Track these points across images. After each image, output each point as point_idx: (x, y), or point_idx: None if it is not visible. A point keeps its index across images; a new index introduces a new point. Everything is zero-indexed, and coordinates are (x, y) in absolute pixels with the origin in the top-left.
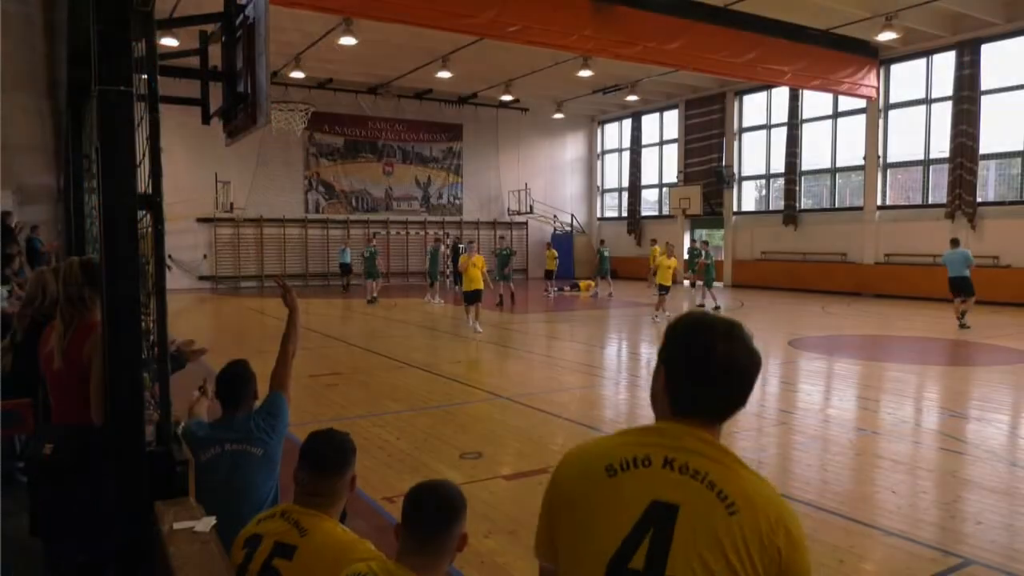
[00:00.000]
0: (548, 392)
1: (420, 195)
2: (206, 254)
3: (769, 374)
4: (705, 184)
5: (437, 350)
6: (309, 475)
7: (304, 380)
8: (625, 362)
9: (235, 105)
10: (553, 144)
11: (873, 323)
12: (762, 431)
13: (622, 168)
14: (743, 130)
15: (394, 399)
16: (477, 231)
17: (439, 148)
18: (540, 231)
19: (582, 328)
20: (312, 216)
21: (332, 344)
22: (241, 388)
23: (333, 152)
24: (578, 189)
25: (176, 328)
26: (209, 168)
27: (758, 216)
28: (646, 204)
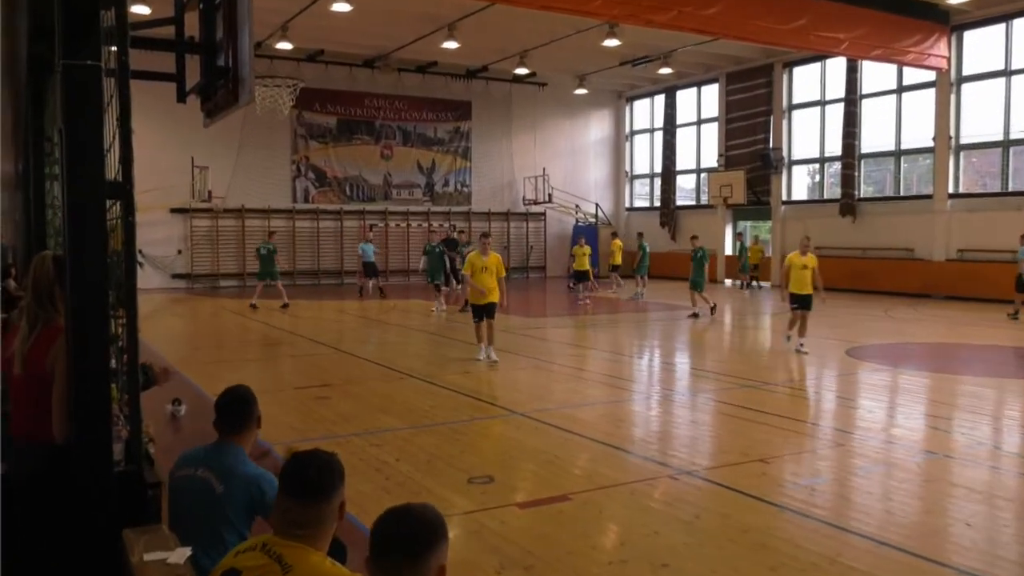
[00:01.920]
0: (569, 407)
1: (423, 182)
2: (181, 249)
3: (824, 388)
4: (749, 169)
5: (442, 359)
6: (292, 502)
7: (289, 392)
8: (658, 373)
9: (214, 81)
10: (575, 124)
11: (944, 329)
12: (816, 453)
13: (654, 151)
14: (793, 107)
15: (392, 414)
16: (488, 223)
17: (445, 128)
18: (560, 223)
19: (608, 334)
20: (301, 206)
21: (321, 351)
22: (239, 415)
23: (324, 133)
24: (603, 175)
25: (147, 333)
26: (185, 152)
27: (810, 206)
28: (681, 192)
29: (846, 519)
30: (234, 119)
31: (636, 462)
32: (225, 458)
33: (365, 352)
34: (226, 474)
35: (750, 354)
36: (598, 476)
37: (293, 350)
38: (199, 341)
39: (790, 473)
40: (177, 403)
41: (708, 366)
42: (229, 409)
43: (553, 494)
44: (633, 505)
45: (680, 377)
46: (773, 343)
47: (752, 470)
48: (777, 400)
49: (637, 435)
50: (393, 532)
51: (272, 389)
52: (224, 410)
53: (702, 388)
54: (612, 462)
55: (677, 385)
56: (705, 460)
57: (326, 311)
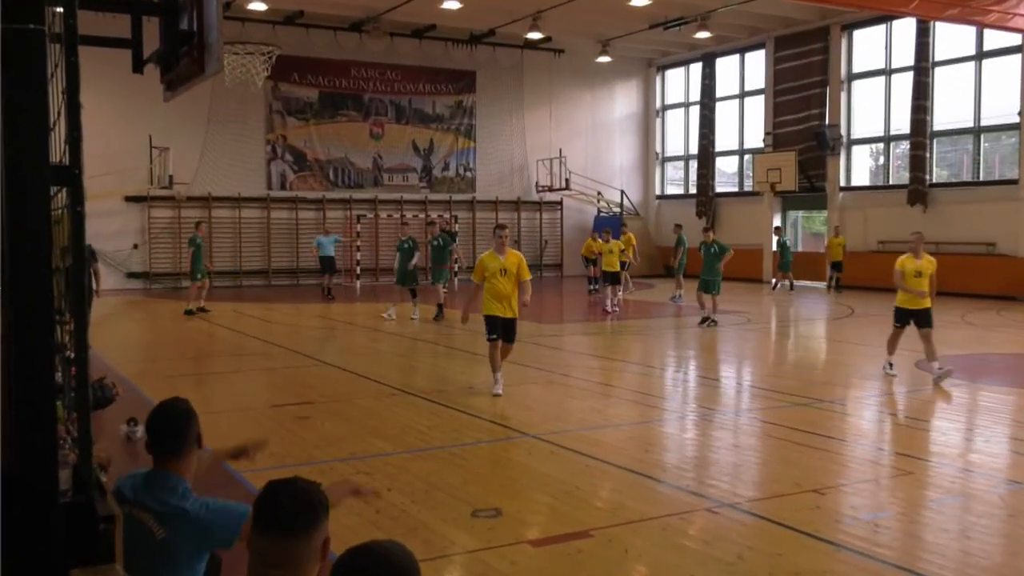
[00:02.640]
0: (590, 429)
1: (419, 165)
2: (137, 244)
3: (889, 407)
4: (801, 150)
5: (442, 372)
6: (267, 540)
7: (264, 411)
8: (693, 389)
9: (177, 47)
10: (596, 97)
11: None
12: (880, 483)
13: (689, 129)
14: (853, 77)
15: (385, 437)
16: (495, 213)
17: (445, 103)
18: (579, 213)
19: (635, 343)
20: (277, 193)
21: (303, 363)
22: (173, 435)
23: (304, 109)
24: (630, 157)
25: (98, 342)
26: (141, 131)
27: (873, 193)
28: (721, 177)
29: (915, 560)
30: (199, 92)
31: (668, 493)
32: (164, 497)
33: (352, 364)
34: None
35: (802, 367)
36: (624, 509)
37: (268, 361)
38: (158, 351)
39: (849, 506)
40: (133, 423)
41: (753, 381)
42: (161, 428)
43: (571, 530)
44: (665, 543)
45: (720, 394)
46: (828, 354)
47: (805, 502)
48: (834, 421)
49: (670, 461)
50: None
51: (244, 407)
52: (155, 430)
53: (746, 406)
54: (640, 493)
55: (717, 403)
56: (749, 491)
57: (306, 316)
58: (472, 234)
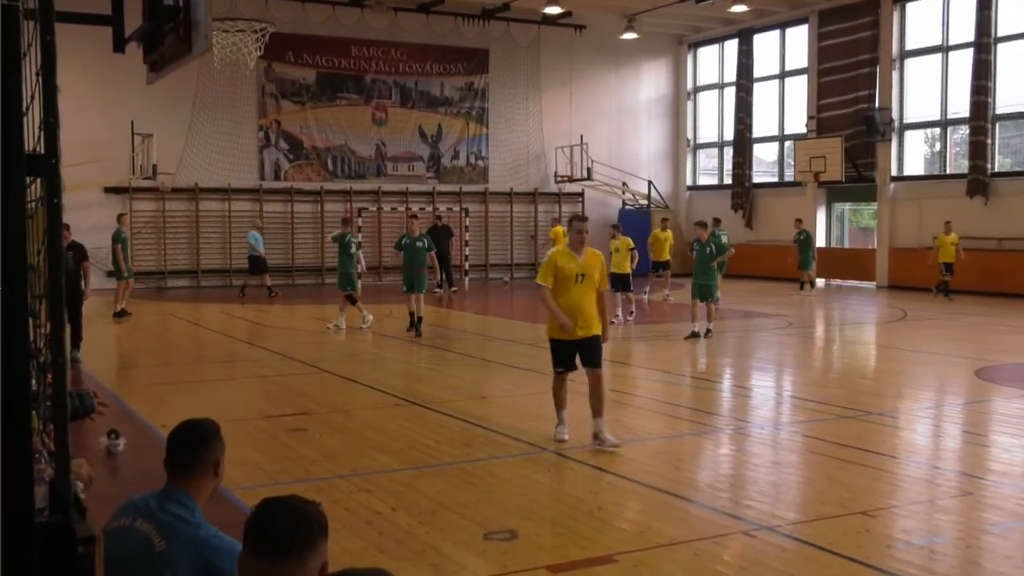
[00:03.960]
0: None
1: (427, 153)
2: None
3: (947, 420)
4: (849, 136)
5: (452, 380)
6: (260, 563)
7: (256, 423)
8: (727, 400)
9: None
10: (622, 78)
11: None
12: (936, 505)
13: (724, 113)
14: (906, 54)
15: (388, 451)
16: (509, 206)
17: (454, 85)
18: (602, 206)
19: (664, 349)
20: (270, 184)
21: (298, 370)
22: (194, 455)
23: (300, 91)
24: (659, 144)
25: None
26: (123, 116)
27: (929, 183)
28: (760, 166)
29: None
30: (186, 74)
31: (701, 514)
32: (172, 509)
33: (352, 371)
34: (170, 530)
35: (849, 375)
36: (651, 532)
37: (261, 368)
38: (142, 357)
39: (902, 530)
40: (114, 436)
41: (794, 391)
42: (181, 446)
43: (593, 554)
44: (697, 569)
45: (758, 405)
46: (878, 361)
47: (852, 525)
48: (885, 435)
49: (702, 480)
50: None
51: (235, 418)
52: (175, 447)
53: (786, 419)
54: (670, 514)
55: (754, 415)
56: (791, 512)
57: (302, 319)
58: (484, 230)
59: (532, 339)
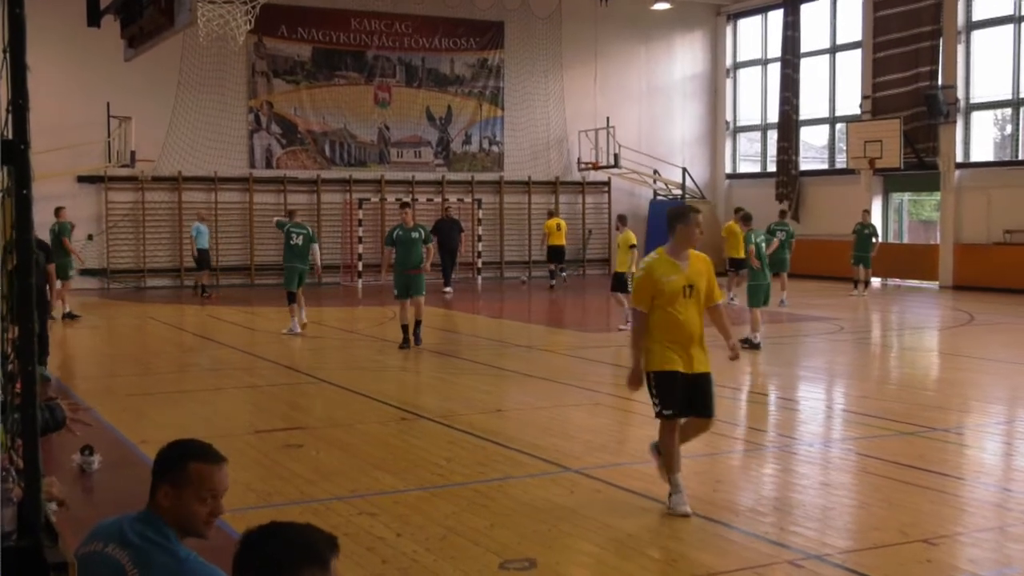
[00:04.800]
0: (645, 462)
1: (435, 138)
2: (92, 234)
3: (1018, 437)
4: (908, 117)
5: (461, 391)
6: None
7: (246, 438)
8: (773, 413)
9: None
10: (653, 54)
11: None
12: (1006, 532)
13: (767, 93)
14: (973, 26)
15: (393, 470)
16: (527, 196)
17: (466, 61)
18: (631, 196)
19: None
20: (261, 173)
21: (293, 380)
22: (170, 470)
23: (294, 69)
24: (694, 127)
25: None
26: (97, 97)
27: (999, 170)
28: (808, 151)
29: None
30: (167, 51)
31: (742, 541)
32: (148, 534)
33: (353, 381)
34: (145, 557)
35: (909, 386)
36: (686, 561)
37: (251, 377)
38: (119, 365)
39: (968, 560)
40: (87, 452)
41: (847, 404)
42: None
43: None
44: None
45: (807, 419)
46: (942, 370)
47: (912, 555)
48: (950, 454)
49: (744, 503)
50: None
51: (222, 433)
52: (159, 467)
53: (838, 436)
54: (707, 541)
55: (802, 431)
56: (843, 539)
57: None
58: (499, 223)
59: (552, 345)
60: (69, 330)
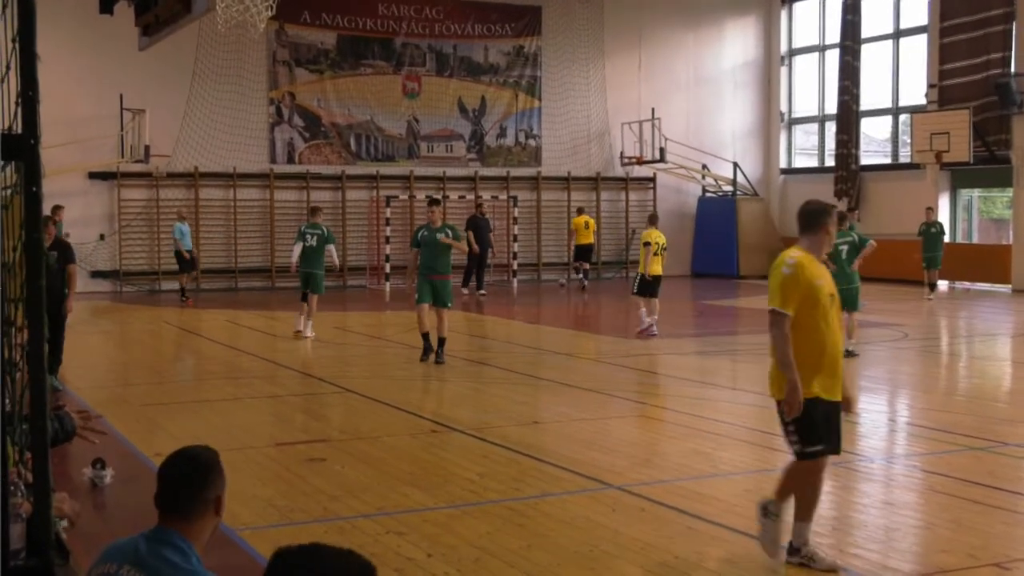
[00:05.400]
0: (693, 479)
1: (467, 131)
2: (104, 234)
3: None
4: (978, 108)
5: (495, 401)
6: None
7: (266, 451)
8: None
9: None
10: (702, 40)
11: None
12: None
13: (825, 82)
14: None
15: (422, 486)
16: (566, 193)
17: (501, 49)
18: (678, 194)
19: (758, 365)
20: (283, 168)
21: (316, 389)
22: (190, 490)
23: (318, 58)
24: (746, 119)
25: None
26: (110, 89)
27: None
28: (869, 145)
29: None
30: (183, 40)
31: (799, 563)
32: (164, 554)
33: (380, 391)
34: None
35: (979, 398)
36: None
37: (272, 387)
38: (132, 372)
39: None
40: (99, 466)
41: (911, 417)
42: (176, 480)
43: None
44: None
45: (867, 433)
46: (1016, 381)
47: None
48: (1023, 471)
49: None
50: None
51: (241, 445)
52: (169, 481)
53: (901, 451)
54: (761, 564)
55: (863, 445)
56: (907, 563)
57: (321, 328)
58: (536, 222)
59: (593, 352)
60: (79, 336)
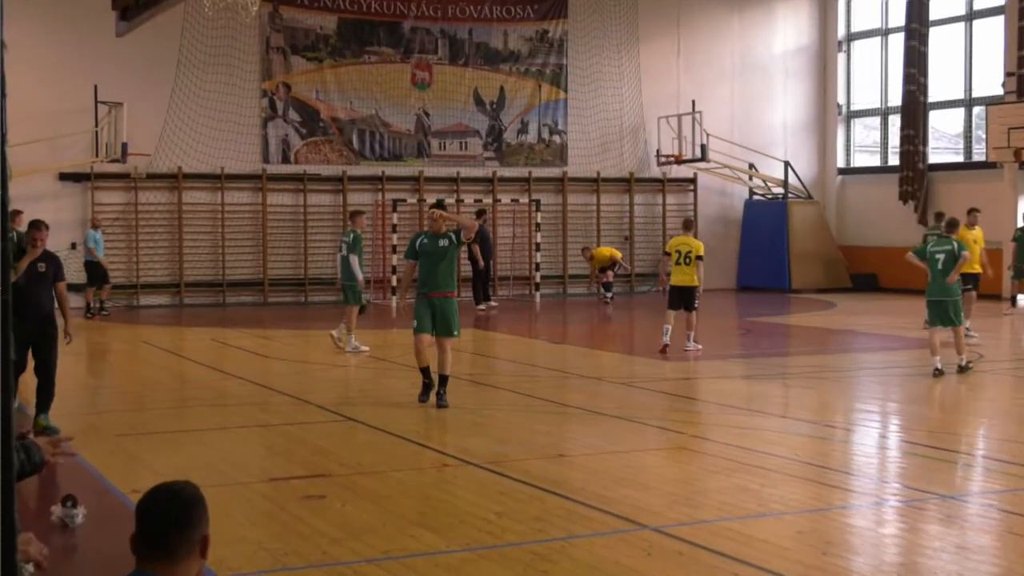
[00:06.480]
0: (737, 519)
1: (484, 127)
2: (76, 242)
3: None
4: None
5: (515, 431)
6: None
7: (258, 487)
8: (894, 460)
9: None
10: (748, 24)
11: None
12: None
13: (888, 70)
14: None
15: (434, 527)
16: (595, 196)
17: (522, 34)
18: (721, 197)
19: (811, 390)
20: (277, 169)
21: (314, 417)
22: (174, 530)
23: (317, 44)
24: (799, 112)
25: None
26: (84, 80)
27: None
28: (939, 140)
29: None
30: (166, 25)
31: None
32: None
33: (385, 419)
34: None
35: None
36: None
37: (265, 414)
38: (107, 398)
39: None
40: (70, 504)
41: (987, 449)
42: (156, 519)
43: None
44: None
45: (936, 468)
46: None
47: None
48: None
49: (860, 569)
50: None
51: (229, 481)
52: (148, 521)
53: (976, 488)
54: None
55: (930, 481)
56: None
57: (318, 348)
58: (562, 229)
59: (628, 376)
60: (62, 359)
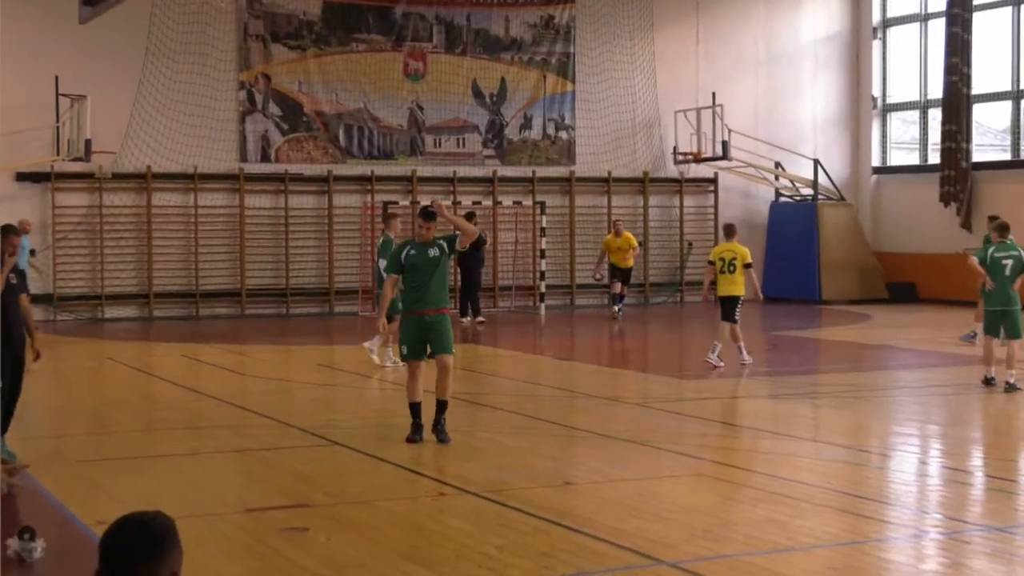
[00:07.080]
0: (765, 553)
1: (484, 121)
2: (35, 249)
3: None
4: None
5: (517, 456)
6: None
7: (235, 518)
8: (936, 490)
9: None
10: (774, 8)
11: None
12: None
13: (927, 59)
14: None
15: (427, 562)
16: (606, 198)
17: (525, 19)
18: (745, 199)
19: (844, 412)
20: (255, 168)
21: (295, 441)
22: (142, 563)
23: (299, 31)
24: (830, 106)
25: None
26: (44, 71)
27: None
28: (984, 136)
29: None
30: (134, 10)
31: None
32: None
33: (373, 443)
34: None
35: None
36: None
37: (242, 439)
38: (69, 420)
39: None
40: (27, 536)
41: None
42: (121, 553)
43: None
44: None
45: (981, 498)
46: None
47: None
48: None
49: None
50: None
51: (202, 512)
52: (113, 555)
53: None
54: None
55: (974, 512)
56: None
57: (301, 366)
58: (569, 233)
59: (642, 396)
60: (88, 377)
